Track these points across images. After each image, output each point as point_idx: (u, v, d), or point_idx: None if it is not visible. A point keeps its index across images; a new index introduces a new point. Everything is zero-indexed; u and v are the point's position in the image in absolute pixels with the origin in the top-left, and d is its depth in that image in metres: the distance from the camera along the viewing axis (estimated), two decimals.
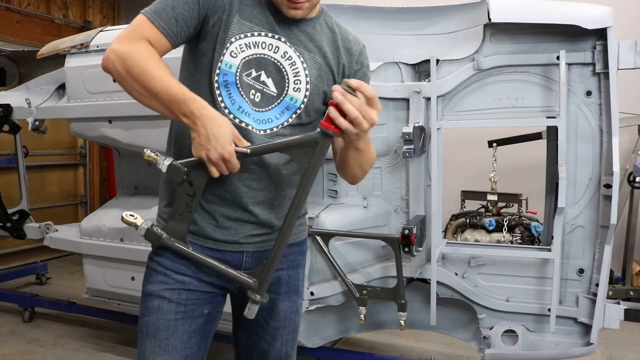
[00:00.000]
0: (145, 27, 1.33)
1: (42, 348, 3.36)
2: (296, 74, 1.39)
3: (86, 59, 2.89)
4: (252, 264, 1.45)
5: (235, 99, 1.36)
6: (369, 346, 3.35)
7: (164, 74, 1.27)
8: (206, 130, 1.24)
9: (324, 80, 1.43)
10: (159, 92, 1.26)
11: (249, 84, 1.36)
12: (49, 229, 3.40)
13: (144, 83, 1.28)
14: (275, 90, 1.38)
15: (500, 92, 2.41)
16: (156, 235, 1.37)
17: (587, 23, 2.18)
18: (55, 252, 4.57)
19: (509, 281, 2.50)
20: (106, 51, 1.33)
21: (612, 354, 3.28)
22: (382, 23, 2.59)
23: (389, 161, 2.60)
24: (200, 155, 1.27)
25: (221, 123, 1.26)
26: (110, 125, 2.85)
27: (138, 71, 1.28)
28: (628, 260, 3.99)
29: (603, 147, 2.31)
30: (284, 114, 1.40)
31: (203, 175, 1.33)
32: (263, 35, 1.36)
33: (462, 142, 4.28)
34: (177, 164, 1.33)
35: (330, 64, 1.44)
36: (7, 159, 4.25)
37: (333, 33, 1.47)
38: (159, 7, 1.33)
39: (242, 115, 1.36)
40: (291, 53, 1.38)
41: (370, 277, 2.59)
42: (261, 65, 1.36)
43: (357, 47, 1.50)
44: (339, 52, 1.46)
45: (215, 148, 1.24)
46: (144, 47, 1.30)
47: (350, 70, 1.48)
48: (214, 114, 1.27)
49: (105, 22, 6.28)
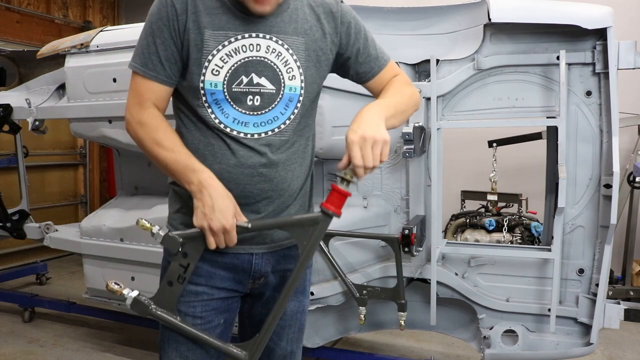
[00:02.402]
0: (142, 85, 1.37)
1: (42, 348, 3.36)
2: (286, 63, 1.38)
3: (86, 59, 2.89)
4: (260, 264, 1.45)
5: (229, 112, 1.36)
6: (369, 346, 3.35)
7: (173, 144, 1.33)
8: (212, 200, 1.28)
9: (313, 58, 1.42)
10: (168, 163, 1.33)
11: (244, 92, 1.35)
12: (49, 229, 3.40)
13: (155, 155, 1.35)
14: (273, 87, 1.37)
15: (500, 92, 2.41)
16: (144, 306, 1.36)
17: (587, 23, 2.18)
18: (55, 252, 4.56)
19: (509, 281, 2.50)
20: (125, 116, 1.40)
21: (612, 354, 3.28)
22: (382, 23, 2.59)
23: (389, 161, 2.60)
24: (202, 224, 1.29)
25: (225, 195, 1.30)
26: (110, 125, 2.85)
27: (149, 143, 1.35)
28: (628, 260, 3.99)
29: (603, 147, 2.31)
30: (289, 106, 1.40)
31: (199, 247, 1.34)
32: (240, 39, 1.34)
33: (462, 142, 4.28)
34: (174, 235, 1.33)
35: (316, 40, 1.42)
36: (7, 159, 4.25)
37: (307, 3, 1.43)
38: (143, 57, 1.36)
39: (239, 126, 1.36)
40: (273, 45, 1.36)
41: (370, 277, 2.59)
42: (249, 69, 1.35)
43: (335, 7, 1.46)
44: (320, 22, 1.43)
45: (219, 219, 1.27)
46: (151, 115, 1.36)
47: (338, 34, 1.45)
48: (219, 185, 1.31)
49: (105, 22, 6.28)
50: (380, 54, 1.53)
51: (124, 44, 2.77)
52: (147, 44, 1.35)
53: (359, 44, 1.48)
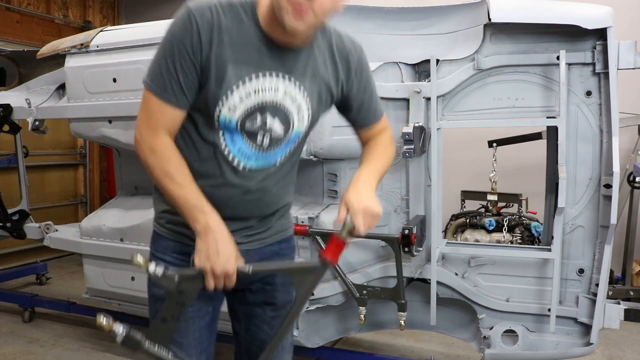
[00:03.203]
0: (159, 109, 1.34)
1: (42, 348, 3.36)
2: (299, 108, 1.41)
3: (86, 59, 2.89)
4: (245, 260, 1.49)
5: (238, 143, 1.39)
6: (369, 346, 3.35)
7: (184, 179, 1.33)
8: (216, 244, 1.29)
9: (323, 102, 1.46)
10: (176, 198, 1.33)
11: (255, 131, 1.38)
12: (49, 229, 3.40)
13: (163, 186, 1.34)
14: (282, 130, 1.41)
15: (500, 92, 2.41)
16: (136, 342, 1.32)
17: (587, 23, 2.18)
18: (55, 252, 4.56)
19: (509, 281, 2.50)
20: (135, 134, 1.37)
21: (612, 354, 3.28)
22: (382, 23, 2.59)
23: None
24: (204, 266, 1.30)
25: (229, 240, 1.33)
26: (110, 125, 2.85)
27: (159, 174, 1.34)
28: (628, 260, 3.99)
29: (603, 147, 2.31)
30: (289, 144, 1.46)
31: (197, 286, 1.33)
32: (261, 77, 1.34)
33: (462, 142, 4.28)
34: (171, 275, 1.30)
35: (329, 85, 1.45)
36: (7, 159, 4.25)
37: (329, 46, 1.45)
38: (162, 81, 1.32)
39: (243, 158, 1.40)
40: (291, 89, 1.38)
41: (370, 277, 2.59)
42: (265, 111, 1.37)
43: (354, 55, 1.49)
44: (336, 67, 1.46)
45: (222, 263, 1.29)
46: (163, 145, 1.34)
47: (349, 82, 1.49)
48: (225, 230, 1.33)
49: (105, 22, 6.28)
50: (379, 107, 1.60)
51: (124, 44, 2.78)
52: (167, 68, 1.30)
53: (364, 97, 1.54)
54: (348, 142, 2.50)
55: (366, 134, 1.59)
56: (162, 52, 1.32)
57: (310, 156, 2.44)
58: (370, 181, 1.43)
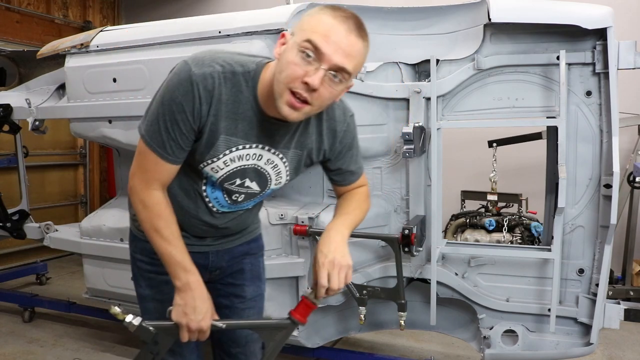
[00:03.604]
0: (155, 165, 1.38)
1: (42, 348, 3.36)
2: (278, 174, 1.49)
3: (86, 59, 2.89)
4: (216, 260, 1.64)
5: (217, 194, 1.49)
6: (369, 346, 3.35)
7: (171, 236, 1.39)
8: (194, 302, 1.38)
9: (301, 167, 1.53)
10: (163, 253, 1.40)
11: (233, 190, 1.48)
12: (49, 229, 3.39)
13: (151, 239, 1.41)
14: (258, 189, 1.50)
15: (500, 92, 2.41)
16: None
17: (587, 23, 2.18)
18: (55, 252, 4.57)
19: (509, 281, 2.50)
20: (129, 182, 1.42)
21: (612, 354, 3.28)
22: (382, 23, 2.59)
23: (389, 161, 2.60)
24: (180, 321, 1.38)
25: (206, 299, 1.41)
26: (110, 125, 2.85)
27: (148, 227, 1.40)
28: (628, 260, 3.99)
29: (603, 147, 2.31)
30: (261, 197, 1.57)
31: (171, 337, 1.42)
32: (247, 148, 1.40)
33: (462, 142, 4.28)
34: (147, 327, 1.39)
35: (311, 153, 1.50)
36: (7, 159, 4.25)
37: (319, 117, 1.46)
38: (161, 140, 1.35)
39: (218, 205, 1.51)
40: (274, 158, 1.45)
41: (370, 277, 2.59)
42: (245, 174, 1.45)
43: (341, 126, 1.50)
44: (321, 138, 1.49)
45: (198, 320, 1.38)
46: (155, 200, 1.39)
47: (332, 151, 1.52)
48: (204, 289, 1.42)
49: (105, 22, 6.28)
50: (359, 168, 1.62)
51: (124, 44, 2.77)
52: (167, 128, 1.33)
53: (344, 160, 1.56)
54: None
55: (342, 190, 1.63)
56: (162, 111, 1.33)
57: None
58: (343, 232, 1.47)
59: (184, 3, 6.08)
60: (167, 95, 1.32)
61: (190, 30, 2.58)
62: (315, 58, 1.21)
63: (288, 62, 1.23)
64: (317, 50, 1.20)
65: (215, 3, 5.87)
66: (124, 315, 1.37)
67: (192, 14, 3.62)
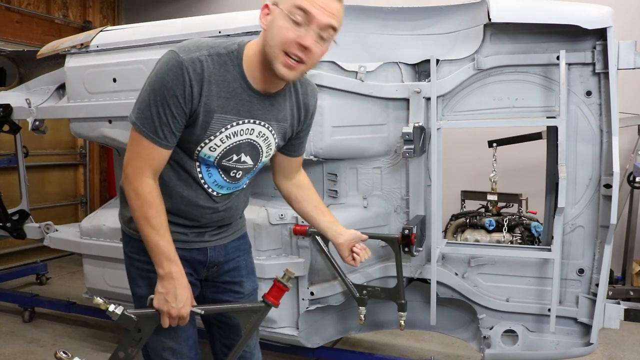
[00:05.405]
0: (149, 150, 1.45)
1: (42, 348, 3.36)
2: (268, 145, 1.61)
3: (86, 59, 2.89)
4: (214, 256, 1.70)
5: (214, 176, 1.57)
6: (369, 346, 3.35)
7: (160, 225, 1.47)
8: (176, 290, 1.47)
9: (285, 137, 1.66)
10: (149, 242, 1.47)
11: (230, 167, 1.56)
12: (49, 229, 3.40)
13: (140, 227, 1.48)
14: (252, 163, 1.61)
15: (500, 92, 2.41)
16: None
17: (587, 23, 2.18)
18: (55, 252, 4.57)
19: (509, 281, 2.50)
20: (124, 170, 1.48)
21: (612, 354, 3.28)
22: (382, 23, 2.59)
23: (389, 161, 2.60)
24: (161, 308, 1.48)
25: (186, 288, 1.51)
26: (110, 125, 2.85)
27: (138, 215, 1.47)
28: (628, 260, 3.99)
29: (603, 147, 2.31)
30: (254, 172, 1.67)
31: (152, 324, 1.50)
32: (241, 124, 1.50)
33: (462, 142, 4.28)
34: (129, 315, 1.48)
35: (293, 124, 1.66)
36: (7, 159, 4.25)
37: (296, 92, 1.63)
38: (153, 125, 1.42)
39: (216, 187, 1.60)
40: (264, 131, 1.56)
41: (370, 277, 2.59)
42: (240, 149, 1.55)
43: (312, 100, 1.69)
44: (299, 111, 1.66)
45: (178, 307, 1.48)
46: (148, 189, 1.46)
47: (303, 123, 1.70)
48: (185, 278, 1.51)
49: (105, 22, 6.28)
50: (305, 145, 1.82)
51: (124, 44, 2.77)
52: (158, 114, 1.40)
53: (306, 132, 1.76)
54: (348, 142, 2.51)
55: (282, 163, 1.79)
56: (153, 98, 1.40)
57: (310, 156, 2.44)
58: None
59: (184, 3, 6.08)
60: (157, 82, 1.40)
61: (190, 30, 2.58)
62: (304, 21, 1.35)
63: (280, 27, 1.36)
64: (306, 13, 1.34)
65: (215, 3, 5.87)
66: (107, 305, 1.45)
67: (192, 14, 3.62)
